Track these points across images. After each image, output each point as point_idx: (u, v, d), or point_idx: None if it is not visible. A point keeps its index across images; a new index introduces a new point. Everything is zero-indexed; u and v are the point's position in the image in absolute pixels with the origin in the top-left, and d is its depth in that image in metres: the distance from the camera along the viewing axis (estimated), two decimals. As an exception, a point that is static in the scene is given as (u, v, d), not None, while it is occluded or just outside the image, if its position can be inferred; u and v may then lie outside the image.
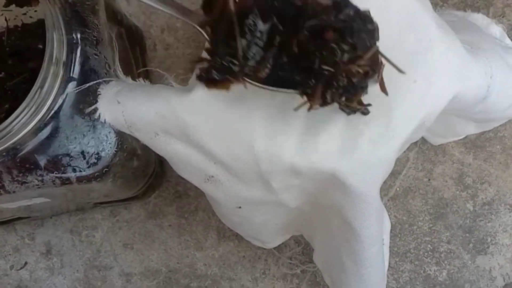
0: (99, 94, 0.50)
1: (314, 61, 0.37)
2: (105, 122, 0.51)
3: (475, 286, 0.79)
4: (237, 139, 0.45)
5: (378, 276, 0.55)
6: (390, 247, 0.69)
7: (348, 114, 0.43)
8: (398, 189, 0.81)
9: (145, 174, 0.71)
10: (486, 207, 0.81)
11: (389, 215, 0.69)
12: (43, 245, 0.82)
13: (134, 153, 0.61)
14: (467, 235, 0.80)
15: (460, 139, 0.80)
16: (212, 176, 0.47)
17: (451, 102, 0.45)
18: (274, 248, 0.79)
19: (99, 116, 0.50)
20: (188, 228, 0.82)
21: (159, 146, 0.49)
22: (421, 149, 0.82)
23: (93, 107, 0.50)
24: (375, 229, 0.49)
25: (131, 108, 0.47)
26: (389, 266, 0.67)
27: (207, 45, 0.40)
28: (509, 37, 0.70)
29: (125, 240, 0.82)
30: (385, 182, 0.80)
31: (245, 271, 0.80)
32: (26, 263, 0.82)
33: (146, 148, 0.66)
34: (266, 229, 0.60)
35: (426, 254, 0.80)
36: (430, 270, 0.80)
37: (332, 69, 0.37)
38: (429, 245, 0.80)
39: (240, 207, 0.51)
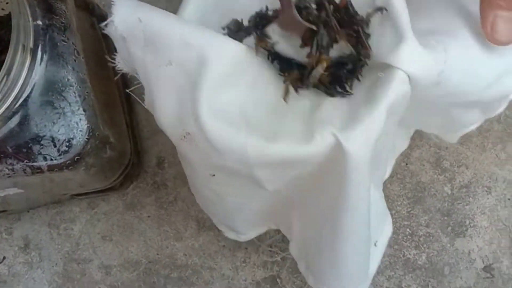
0: (113, 4, 0.46)
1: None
2: (120, 37, 0.48)
3: (455, 269, 0.80)
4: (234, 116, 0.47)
5: (355, 261, 0.54)
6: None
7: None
8: (376, 174, 0.82)
9: (120, 163, 0.71)
10: (463, 190, 0.82)
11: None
12: (20, 239, 0.81)
13: (106, 141, 0.60)
14: (446, 218, 0.81)
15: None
16: (189, 133, 0.47)
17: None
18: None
19: (115, 29, 0.46)
20: (167, 219, 0.81)
21: (164, 77, 0.47)
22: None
23: (108, 20, 0.46)
24: (363, 195, 0.49)
25: (157, 27, 0.46)
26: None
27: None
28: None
29: (103, 232, 0.81)
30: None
31: (225, 260, 0.80)
32: (4, 258, 0.81)
33: (120, 138, 0.66)
34: (241, 215, 0.60)
35: (405, 238, 0.80)
36: (409, 254, 0.80)
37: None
38: (408, 229, 0.81)
39: (214, 175, 0.51)
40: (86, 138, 0.56)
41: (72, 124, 0.55)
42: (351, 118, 0.48)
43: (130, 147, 0.74)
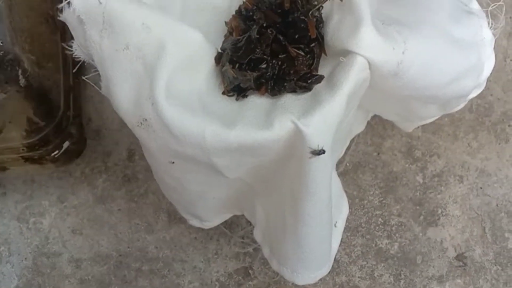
0: None
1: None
2: (77, 20, 0.47)
3: (427, 257, 0.80)
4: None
5: (316, 244, 0.54)
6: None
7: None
8: (348, 164, 0.81)
9: (45, 114, 0.67)
10: (435, 179, 0.82)
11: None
12: (-11, 234, 0.80)
13: (18, 64, 0.57)
14: (418, 207, 0.81)
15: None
16: (146, 120, 0.47)
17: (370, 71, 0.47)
18: (226, 227, 0.79)
19: (72, 11, 0.46)
20: (138, 212, 0.81)
21: (121, 61, 0.47)
22: (369, 123, 0.81)
23: (66, 1, 0.46)
24: (324, 181, 0.49)
25: (117, 11, 0.45)
26: (341, 241, 0.67)
27: None
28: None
29: (73, 226, 0.80)
30: (333, 157, 0.80)
31: (197, 252, 0.80)
32: (-28, 253, 0.80)
33: (48, 76, 0.64)
34: (204, 203, 0.59)
35: (377, 227, 0.80)
36: (381, 243, 0.80)
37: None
38: (380, 219, 0.80)
39: (173, 163, 0.51)
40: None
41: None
42: (311, 104, 0.47)
43: (63, 101, 0.70)
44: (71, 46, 0.50)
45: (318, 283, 0.79)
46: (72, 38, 0.50)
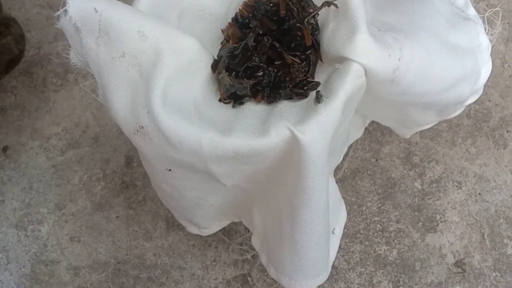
0: None
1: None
2: (73, 28, 0.47)
3: (426, 264, 0.79)
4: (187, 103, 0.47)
5: (314, 251, 0.54)
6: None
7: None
8: (346, 170, 0.81)
9: None
10: (434, 185, 0.82)
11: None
12: (-13, 242, 0.80)
13: None
14: (416, 213, 0.81)
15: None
16: (142, 127, 0.47)
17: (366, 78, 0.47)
18: (224, 234, 0.79)
19: (68, 19, 0.46)
20: (136, 219, 0.81)
21: (117, 69, 0.47)
22: (367, 129, 0.82)
23: (62, 9, 0.46)
24: (321, 188, 0.49)
25: (113, 19, 0.46)
26: (339, 248, 0.67)
27: None
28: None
29: (72, 233, 0.80)
30: (331, 163, 0.80)
31: (195, 259, 0.80)
32: (-30, 261, 0.80)
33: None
34: (201, 210, 0.59)
35: (375, 234, 0.80)
36: (380, 250, 0.80)
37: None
38: (378, 225, 0.80)
39: (170, 170, 0.51)
40: None
41: None
42: (308, 111, 0.48)
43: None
44: (68, 54, 0.50)
45: (316, 290, 0.79)
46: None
